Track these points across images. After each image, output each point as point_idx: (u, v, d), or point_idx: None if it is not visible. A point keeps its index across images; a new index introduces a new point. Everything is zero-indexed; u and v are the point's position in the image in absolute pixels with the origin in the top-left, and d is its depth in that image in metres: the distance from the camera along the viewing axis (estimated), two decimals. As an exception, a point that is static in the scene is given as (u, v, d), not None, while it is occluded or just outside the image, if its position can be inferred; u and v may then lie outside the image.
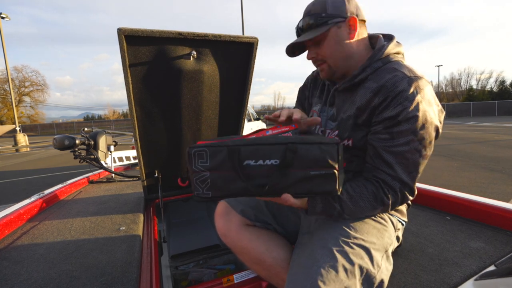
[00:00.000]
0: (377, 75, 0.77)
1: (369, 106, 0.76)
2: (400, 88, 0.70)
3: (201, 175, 0.67)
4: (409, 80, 0.71)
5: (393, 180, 0.72)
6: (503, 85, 35.30)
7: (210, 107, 1.53)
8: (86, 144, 1.90)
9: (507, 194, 3.50)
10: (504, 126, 13.77)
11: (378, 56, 0.78)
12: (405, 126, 0.70)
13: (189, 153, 0.67)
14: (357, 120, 0.79)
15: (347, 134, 0.81)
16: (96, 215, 1.37)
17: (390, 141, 0.72)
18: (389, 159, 0.72)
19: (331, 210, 0.73)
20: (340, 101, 0.87)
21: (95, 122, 36.15)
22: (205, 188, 0.68)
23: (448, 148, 7.40)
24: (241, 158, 0.65)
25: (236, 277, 0.92)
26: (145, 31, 1.16)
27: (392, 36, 0.84)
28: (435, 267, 0.84)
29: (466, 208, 1.18)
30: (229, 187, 0.66)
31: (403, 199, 0.74)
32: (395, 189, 0.72)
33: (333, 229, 0.76)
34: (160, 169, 1.58)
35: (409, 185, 0.73)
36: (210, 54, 1.36)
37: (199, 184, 0.67)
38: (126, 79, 1.23)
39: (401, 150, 0.71)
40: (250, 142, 0.66)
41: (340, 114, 0.85)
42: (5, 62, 15.94)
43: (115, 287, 0.79)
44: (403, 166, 0.72)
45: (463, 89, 41.92)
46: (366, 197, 0.73)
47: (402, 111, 0.70)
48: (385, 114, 0.72)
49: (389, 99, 0.71)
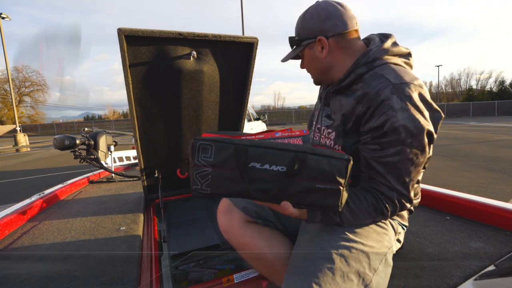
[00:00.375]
0: (365, 82, 0.75)
1: (354, 114, 0.75)
2: (382, 97, 0.68)
3: (202, 170, 0.64)
4: (392, 88, 0.68)
5: (390, 190, 0.72)
6: (503, 85, 35.31)
7: (210, 107, 1.53)
8: (86, 144, 1.91)
9: (507, 194, 3.50)
10: (503, 126, 13.78)
11: (362, 61, 0.77)
12: (393, 137, 0.68)
13: (193, 145, 0.63)
14: (344, 127, 0.79)
15: (338, 140, 0.82)
16: (96, 215, 1.37)
17: (379, 151, 0.70)
18: (381, 170, 0.71)
19: (330, 222, 0.74)
20: (334, 102, 0.89)
21: (95, 122, 36.09)
22: (205, 184, 0.65)
23: (448, 148, 7.40)
24: (248, 159, 0.62)
25: (236, 277, 0.92)
26: (145, 31, 1.16)
27: (388, 36, 0.82)
28: (435, 267, 0.84)
29: (466, 208, 1.18)
30: (230, 187, 0.64)
31: (402, 208, 0.74)
32: (393, 200, 0.72)
33: (333, 231, 0.76)
34: (160, 169, 1.59)
35: (405, 194, 0.72)
36: (210, 54, 1.36)
37: (198, 179, 0.64)
38: (126, 79, 1.23)
39: (391, 160, 0.69)
40: (258, 144, 0.64)
41: (333, 115, 0.88)
42: (6, 62, 15.95)
43: (116, 286, 0.79)
44: (396, 177, 0.71)
45: (463, 89, 41.96)
46: (367, 209, 0.73)
47: (386, 121, 0.67)
48: (370, 124, 0.71)
49: (371, 109, 0.70)
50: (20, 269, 0.90)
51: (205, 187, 0.65)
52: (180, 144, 1.56)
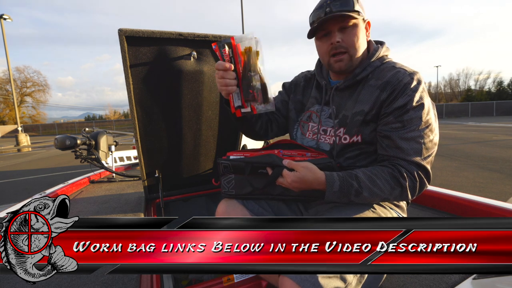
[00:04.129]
0: (378, 74, 0.85)
1: (378, 101, 0.82)
2: (404, 81, 0.78)
3: (228, 177, 0.93)
4: (410, 74, 0.80)
5: (409, 164, 0.76)
6: (501, 86, 35.38)
7: (210, 107, 1.53)
8: (87, 144, 1.91)
9: (505, 193, 3.51)
10: (502, 126, 13.79)
11: (374, 56, 0.87)
12: (414, 114, 0.77)
13: (217, 163, 0.93)
14: (366, 116, 0.83)
15: (355, 130, 0.85)
16: (97, 214, 1.38)
17: (402, 129, 0.77)
18: (404, 146, 0.77)
19: (349, 188, 0.75)
20: (340, 99, 0.90)
21: (96, 122, 36.10)
22: (230, 187, 0.93)
23: (447, 148, 7.41)
24: (256, 168, 0.85)
25: (236, 276, 0.92)
26: (145, 32, 1.17)
27: (383, 42, 0.94)
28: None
29: (464, 208, 1.19)
30: (247, 187, 0.91)
31: (421, 184, 0.77)
32: (412, 173, 0.75)
33: (332, 216, 0.80)
34: (161, 169, 1.59)
35: (424, 167, 0.76)
36: (210, 55, 1.36)
37: (226, 184, 0.93)
38: (127, 79, 1.23)
39: (413, 135, 0.76)
40: (260, 158, 0.85)
41: (342, 112, 0.88)
42: (7, 63, 15.97)
43: (116, 286, 0.80)
44: (417, 151, 0.76)
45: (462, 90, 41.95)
46: (383, 176, 0.76)
47: (409, 100, 0.77)
48: (394, 105, 0.78)
49: (396, 92, 0.79)
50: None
51: (231, 190, 0.93)
52: (180, 144, 1.56)
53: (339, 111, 0.90)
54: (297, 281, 0.63)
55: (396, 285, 0.77)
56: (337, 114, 0.90)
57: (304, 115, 1.01)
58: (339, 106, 0.90)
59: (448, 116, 25.14)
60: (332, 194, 0.76)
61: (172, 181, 1.67)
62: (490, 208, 1.10)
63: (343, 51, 0.84)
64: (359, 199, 0.77)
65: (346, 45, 0.84)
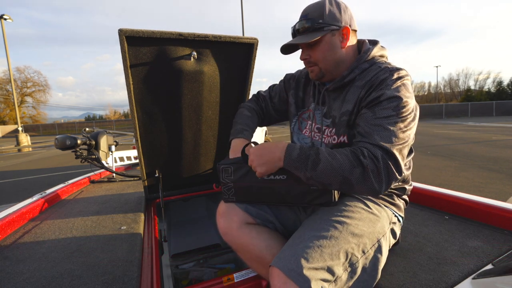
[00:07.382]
0: (364, 75, 0.85)
1: (358, 99, 0.83)
2: (382, 77, 0.79)
3: (227, 186, 0.91)
4: (390, 70, 0.80)
5: (373, 147, 0.72)
6: (501, 86, 35.40)
7: (211, 107, 1.53)
8: (88, 144, 1.91)
9: (505, 193, 3.51)
10: (501, 126, 13.79)
11: (364, 58, 0.87)
12: (386, 104, 0.75)
13: (218, 168, 0.90)
14: (351, 116, 0.85)
15: (342, 130, 0.87)
16: (97, 214, 1.38)
17: (371, 116, 0.77)
18: (370, 130, 0.75)
19: (307, 158, 0.74)
20: (331, 99, 0.93)
21: (96, 122, 36.03)
22: (231, 195, 0.92)
23: (446, 148, 7.41)
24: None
25: (236, 276, 0.93)
26: (145, 32, 1.17)
27: (376, 41, 0.93)
28: (433, 266, 0.85)
29: (464, 208, 1.19)
30: (248, 194, 0.90)
31: (387, 170, 0.70)
32: (376, 155, 0.70)
33: (326, 213, 0.81)
34: (161, 169, 1.59)
35: (392, 153, 0.70)
36: (210, 55, 1.36)
37: (226, 192, 0.92)
38: (127, 79, 1.24)
39: (381, 122, 0.74)
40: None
41: (332, 112, 0.92)
42: (8, 63, 15.95)
43: (116, 286, 0.80)
44: (384, 136, 0.72)
45: (461, 90, 41.97)
46: (344, 152, 0.73)
47: (383, 93, 0.77)
48: (369, 98, 0.79)
49: (373, 87, 0.80)
50: (22, 268, 0.90)
51: (232, 197, 0.92)
52: (180, 144, 1.57)
53: (329, 112, 0.93)
54: (285, 271, 0.66)
55: (395, 285, 0.77)
56: (329, 114, 0.93)
57: (304, 112, 1.05)
58: (329, 106, 0.93)
59: (448, 116, 25.13)
60: (289, 161, 0.76)
61: (172, 181, 1.67)
62: (490, 208, 1.10)
63: (313, 64, 0.90)
64: (316, 174, 0.73)
65: (314, 60, 0.90)
